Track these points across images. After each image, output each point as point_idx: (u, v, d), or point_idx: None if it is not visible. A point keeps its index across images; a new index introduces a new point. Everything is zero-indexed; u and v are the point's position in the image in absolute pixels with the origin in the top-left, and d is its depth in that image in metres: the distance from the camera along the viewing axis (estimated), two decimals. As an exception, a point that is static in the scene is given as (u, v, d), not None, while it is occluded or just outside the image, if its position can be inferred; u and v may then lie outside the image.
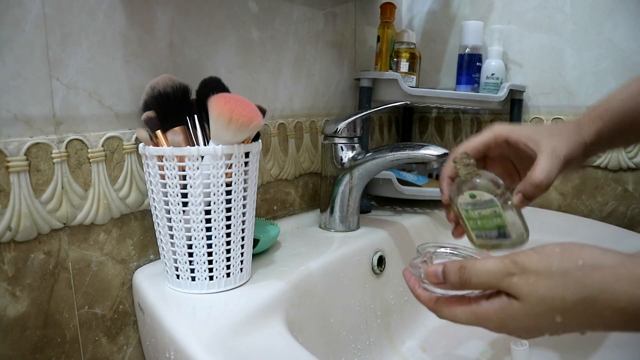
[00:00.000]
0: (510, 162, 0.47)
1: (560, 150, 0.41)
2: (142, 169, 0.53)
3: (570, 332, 0.31)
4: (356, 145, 0.66)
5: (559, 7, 0.82)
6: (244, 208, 0.47)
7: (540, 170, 0.41)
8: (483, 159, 0.48)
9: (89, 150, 0.48)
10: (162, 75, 0.48)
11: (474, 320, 0.34)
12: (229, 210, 0.46)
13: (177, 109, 0.47)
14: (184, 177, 0.44)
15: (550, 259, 0.30)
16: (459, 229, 0.46)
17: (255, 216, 0.52)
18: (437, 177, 0.92)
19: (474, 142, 0.46)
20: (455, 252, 0.44)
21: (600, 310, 0.29)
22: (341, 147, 0.66)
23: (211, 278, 0.46)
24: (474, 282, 0.33)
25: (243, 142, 0.46)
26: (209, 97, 0.44)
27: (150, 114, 0.46)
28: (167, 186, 0.44)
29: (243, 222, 0.48)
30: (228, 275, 0.47)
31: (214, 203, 0.45)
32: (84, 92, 0.48)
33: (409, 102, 0.72)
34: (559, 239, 0.32)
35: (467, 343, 0.62)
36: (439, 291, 0.37)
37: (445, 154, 0.60)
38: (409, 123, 1.04)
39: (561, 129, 0.44)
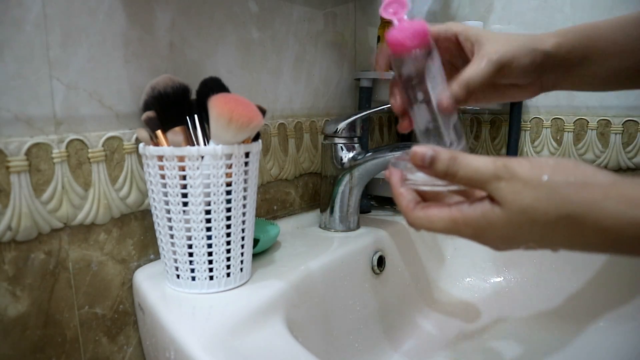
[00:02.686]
0: (454, 60, 0.44)
1: (496, 53, 0.39)
2: (142, 169, 0.53)
3: (545, 249, 0.30)
4: (356, 145, 0.66)
5: (558, 7, 0.82)
6: (244, 208, 0.47)
7: (467, 71, 0.39)
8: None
9: (89, 150, 0.49)
10: (162, 75, 0.48)
11: (451, 227, 0.32)
12: (229, 210, 0.46)
13: (177, 109, 0.47)
14: (184, 177, 0.44)
15: (541, 170, 0.29)
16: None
17: (255, 216, 0.52)
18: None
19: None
20: None
21: (583, 228, 0.28)
22: (341, 147, 0.66)
23: (211, 278, 0.47)
24: (459, 176, 0.31)
25: (243, 142, 0.46)
26: (209, 97, 0.44)
27: (150, 114, 0.46)
28: (167, 186, 0.44)
29: (243, 222, 0.48)
30: (228, 275, 0.47)
31: (214, 203, 0.45)
32: (85, 92, 0.48)
33: (409, 102, 0.72)
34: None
35: (467, 343, 0.62)
36: (423, 186, 0.35)
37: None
38: (409, 123, 1.04)
39: (514, 36, 0.41)
